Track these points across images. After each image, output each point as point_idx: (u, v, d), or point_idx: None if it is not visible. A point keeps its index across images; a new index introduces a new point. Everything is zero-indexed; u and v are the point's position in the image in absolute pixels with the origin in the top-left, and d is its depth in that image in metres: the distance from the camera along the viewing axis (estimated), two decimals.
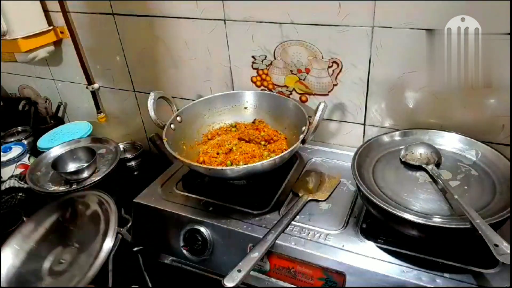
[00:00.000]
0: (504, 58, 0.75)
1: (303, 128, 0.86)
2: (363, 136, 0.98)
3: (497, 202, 0.67)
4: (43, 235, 0.91)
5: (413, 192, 0.71)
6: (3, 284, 0.82)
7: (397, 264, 0.66)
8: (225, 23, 0.98)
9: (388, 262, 0.67)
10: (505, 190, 0.69)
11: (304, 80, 0.97)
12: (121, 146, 1.27)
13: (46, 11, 1.20)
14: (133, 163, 1.24)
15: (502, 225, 0.62)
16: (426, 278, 0.63)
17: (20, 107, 1.46)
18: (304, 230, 0.75)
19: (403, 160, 0.79)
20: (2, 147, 1.23)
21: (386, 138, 0.85)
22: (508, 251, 0.54)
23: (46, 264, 0.84)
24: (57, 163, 1.07)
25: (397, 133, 0.86)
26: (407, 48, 0.82)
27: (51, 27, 1.21)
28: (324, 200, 0.83)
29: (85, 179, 1.05)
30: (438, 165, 0.77)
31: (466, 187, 0.71)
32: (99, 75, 1.29)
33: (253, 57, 1.00)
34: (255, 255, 0.67)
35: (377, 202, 0.66)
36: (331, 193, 0.85)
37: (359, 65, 0.89)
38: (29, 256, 0.88)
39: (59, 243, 0.87)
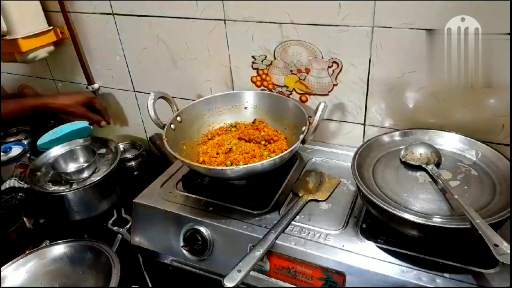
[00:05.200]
0: (504, 58, 0.75)
1: (303, 128, 0.86)
2: (363, 136, 0.98)
3: (497, 202, 0.67)
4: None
5: (413, 192, 0.71)
6: None
7: (397, 264, 0.66)
8: (225, 23, 0.98)
9: (388, 262, 0.67)
10: (505, 190, 0.69)
11: (304, 80, 0.97)
12: (121, 146, 1.27)
13: (46, 11, 1.20)
14: (133, 163, 1.24)
15: (502, 225, 0.62)
16: (426, 278, 0.63)
17: None
18: (304, 230, 0.75)
19: (403, 160, 0.79)
20: (2, 147, 1.23)
21: (386, 138, 0.85)
22: (508, 251, 0.54)
23: None
24: (57, 163, 1.07)
25: (397, 133, 0.86)
26: (407, 48, 0.82)
27: (51, 27, 1.21)
28: (324, 200, 0.83)
29: (85, 179, 1.05)
30: (438, 165, 0.77)
31: (466, 187, 0.71)
32: (99, 75, 1.29)
33: (253, 57, 1.00)
34: (255, 255, 0.67)
35: (377, 202, 0.66)
36: (331, 193, 0.85)
37: (359, 65, 0.89)
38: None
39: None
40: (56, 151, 1.16)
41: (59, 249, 0.92)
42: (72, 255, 0.91)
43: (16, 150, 1.23)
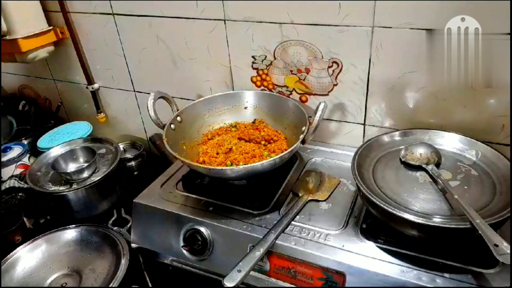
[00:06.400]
0: (504, 58, 0.75)
1: (303, 128, 0.86)
2: (363, 136, 0.98)
3: (497, 202, 0.67)
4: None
5: (413, 192, 0.71)
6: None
7: (397, 264, 0.66)
8: (225, 23, 0.98)
9: (388, 262, 0.67)
10: (505, 190, 0.69)
11: (304, 80, 0.97)
12: (121, 146, 1.27)
13: (46, 11, 1.20)
14: (133, 163, 1.24)
15: (502, 225, 0.62)
16: (426, 278, 0.63)
17: (20, 107, 1.46)
18: (304, 230, 0.75)
19: (403, 160, 0.79)
20: (2, 147, 1.23)
21: (386, 138, 0.85)
22: (508, 251, 0.54)
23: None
24: (57, 163, 1.07)
25: (397, 133, 0.86)
26: (407, 48, 0.82)
27: (51, 27, 1.21)
28: (324, 200, 0.83)
29: (85, 179, 1.05)
30: (438, 165, 0.77)
31: (466, 187, 0.71)
32: (99, 75, 1.29)
33: (253, 57, 1.00)
34: (255, 255, 0.67)
35: (377, 202, 0.66)
36: (331, 193, 0.85)
37: (359, 65, 0.89)
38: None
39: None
40: (56, 151, 1.16)
41: (70, 233, 0.98)
42: (82, 238, 0.97)
43: (16, 150, 1.23)
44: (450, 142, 0.82)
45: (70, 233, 0.98)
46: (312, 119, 0.83)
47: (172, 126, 0.93)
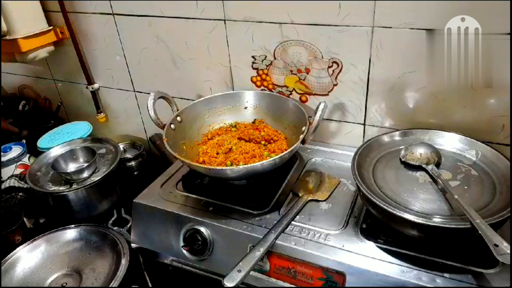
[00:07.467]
0: (504, 58, 0.75)
1: (303, 128, 0.86)
2: (363, 136, 0.98)
3: (497, 202, 0.67)
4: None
5: (413, 192, 0.71)
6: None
7: (397, 264, 0.66)
8: (225, 23, 0.98)
9: (388, 262, 0.67)
10: (505, 190, 0.69)
11: (304, 80, 0.97)
12: (121, 146, 1.27)
13: (46, 11, 1.20)
14: (133, 163, 1.24)
15: (502, 225, 0.62)
16: (426, 278, 0.63)
17: (20, 107, 1.46)
18: (304, 230, 0.75)
19: (403, 160, 0.79)
20: (2, 147, 1.24)
21: (386, 138, 0.85)
22: (508, 251, 0.54)
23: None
24: (57, 163, 1.07)
25: (397, 133, 0.86)
26: (407, 48, 0.82)
27: (51, 27, 1.21)
28: (324, 200, 0.83)
29: (85, 179, 1.05)
30: (438, 165, 0.77)
31: (466, 187, 0.71)
32: (99, 75, 1.29)
33: (253, 57, 1.00)
34: (255, 255, 0.67)
35: (377, 202, 0.66)
36: (331, 193, 0.85)
37: (359, 65, 0.89)
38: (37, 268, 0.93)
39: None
40: (56, 151, 1.16)
41: (70, 233, 0.98)
42: (82, 238, 0.98)
43: (16, 150, 1.23)
44: (450, 142, 0.82)
45: (70, 233, 0.98)
46: (312, 119, 0.83)
47: (172, 126, 0.93)
